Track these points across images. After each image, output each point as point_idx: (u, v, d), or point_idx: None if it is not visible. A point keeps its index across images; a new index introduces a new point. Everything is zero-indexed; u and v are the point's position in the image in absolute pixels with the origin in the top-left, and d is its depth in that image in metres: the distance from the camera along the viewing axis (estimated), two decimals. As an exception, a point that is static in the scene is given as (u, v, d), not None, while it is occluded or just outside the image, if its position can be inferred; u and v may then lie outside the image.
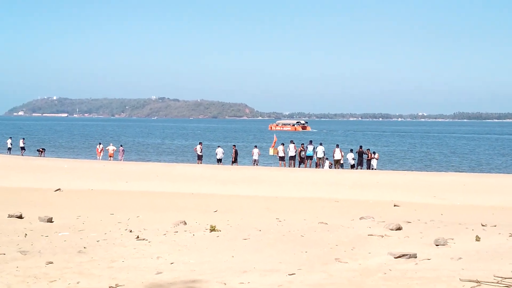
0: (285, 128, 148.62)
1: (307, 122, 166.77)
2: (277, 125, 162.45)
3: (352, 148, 46.58)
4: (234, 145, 48.81)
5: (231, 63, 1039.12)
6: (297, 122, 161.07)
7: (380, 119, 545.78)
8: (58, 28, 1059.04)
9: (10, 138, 60.46)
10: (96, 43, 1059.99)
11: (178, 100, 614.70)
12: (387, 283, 9.11)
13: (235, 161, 45.43)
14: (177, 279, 9.87)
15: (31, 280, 9.85)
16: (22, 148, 55.60)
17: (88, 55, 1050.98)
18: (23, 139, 58.58)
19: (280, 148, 44.60)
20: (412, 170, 44.81)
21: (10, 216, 17.20)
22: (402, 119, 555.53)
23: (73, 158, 54.95)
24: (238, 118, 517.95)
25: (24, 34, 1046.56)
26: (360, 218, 16.68)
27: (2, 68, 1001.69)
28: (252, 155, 45.78)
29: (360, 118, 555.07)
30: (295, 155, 43.71)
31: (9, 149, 56.46)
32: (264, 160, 49.22)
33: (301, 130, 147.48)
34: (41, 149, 55.85)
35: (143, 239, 13.39)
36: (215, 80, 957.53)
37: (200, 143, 48.93)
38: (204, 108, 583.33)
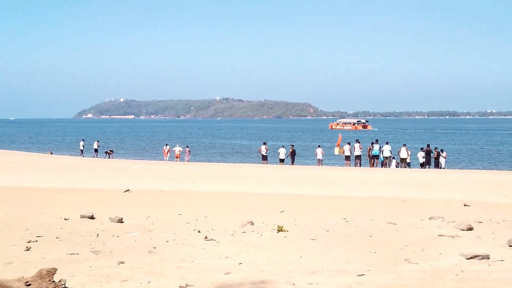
0: (346, 127, 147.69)
1: (367, 121, 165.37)
2: (337, 124, 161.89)
3: (422, 147, 45.86)
4: (292, 145, 48.79)
5: (295, 63, 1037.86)
6: (358, 121, 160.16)
7: (447, 116, 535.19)
8: (124, 31, 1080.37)
9: (83, 140, 62.01)
10: (161, 45, 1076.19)
11: (242, 101, 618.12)
12: (459, 285, 8.93)
13: (292, 160, 45.45)
14: (245, 279, 9.92)
15: (104, 280, 10.06)
16: (96, 150, 56.92)
17: (154, 57, 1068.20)
18: (98, 141, 59.99)
19: (346, 147, 44.35)
20: (482, 169, 43.82)
21: (82, 216, 17.63)
22: (470, 116, 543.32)
23: (141, 159, 55.93)
24: (302, 118, 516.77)
25: (91, 39, 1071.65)
26: (429, 218, 16.40)
27: (71, 72, 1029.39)
28: (316, 155, 45.70)
29: (426, 116, 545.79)
30: (360, 154, 43.38)
31: (82, 151, 57.98)
32: (327, 160, 49.01)
33: (362, 129, 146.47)
34: (109, 151, 57.08)
35: (212, 239, 13.50)
36: (279, 80, 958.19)
37: (264, 144, 49.02)
38: (268, 108, 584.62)
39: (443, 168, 40.80)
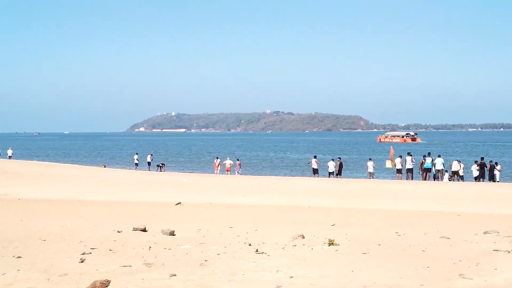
0: (394, 140, 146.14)
1: (416, 134, 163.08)
2: (386, 137, 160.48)
3: (476, 160, 45.07)
4: (339, 158, 48.56)
5: (346, 75, 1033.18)
6: (407, 134, 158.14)
7: (501, 129, 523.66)
8: (175, 47, 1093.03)
9: (137, 154, 62.95)
10: (212, 59, 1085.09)
11: (292, 114, 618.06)
12: (516, 301, 8.73)
13: (339, 173, 45.26)
14: (297, 293, 9.89)
15: (156, 292, 10.17)
16: (149, 163, 57.84)
17: (205, 72, 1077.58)
18: (151, 155, 61.05)
19: (398, 160, 43.92)
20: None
21: (135, 229, 17.86)
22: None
23: (192, 172, 56.41)
24: (352, 131, 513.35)
25: (144, 55, 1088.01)
26: (484, 233, 16.07)
27: (124, 87, 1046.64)
28: (367, 168, 45.41)
29: (479, 129, 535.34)
30: (412, 168, 42.88)
31: (136, 164, 58.95)
32: (378, 173, 48.58)
33: (411, 141, 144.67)
34: (161, 164, 57.85)
35: (262, 253, 13.49)
36: (330, 92, 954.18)
37: (315, 157, 48.87)
38: (318, 121, 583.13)
39: (498, 181, 39.96)
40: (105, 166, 63.86)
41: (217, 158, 55.28)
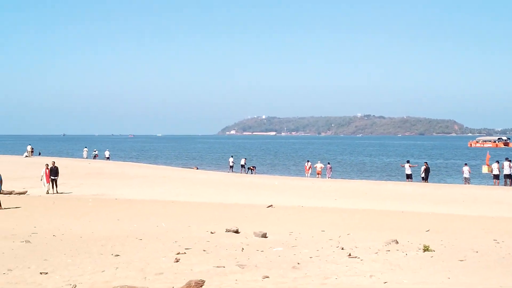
0: (486, 145, 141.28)
1: (509, 138, 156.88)
2: (477, 141, 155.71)
3: None
4: (426, 162, 47.42)
5: (439, 78, 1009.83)
6: (499, 139, 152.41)
7: None
8: (267, 51, 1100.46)
9: (232, 156, 63.72)
10: (302, 63, 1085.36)
11: (383, 117, 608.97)
12: None
13: (425, 178, 44.21)
14: (391, 299, 9.72)
15: (250, 293, 10.23)
16: (242, 166, 58.54)
17: (296, 75, 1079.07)
18: (245, 158, 62.19)
19: (495, 165, 42.50)
20: None
21: (227, 230, 18.09)
22: None
23: (282, 175, 56.53)
24: (446, 135, 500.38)
25: (234, 58, 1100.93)
26: None
27: (216, 90, 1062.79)
28: (463, 173, 44.18)
29: None
30: (510, 173, 41.37)
31: (231, 167, 59.69)
32: (474, 178, 47.19)
33: (503, 146, 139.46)
34: (252, 167, 58.33)
35: (355, 257, 13.36)
36: (422, 96, 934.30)
37: (408, 162, 47.98)
38: (410, 125, 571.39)
39: None
40: (197, 168, 64.96)
41: (308, 161, 55.22)
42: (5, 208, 24.13)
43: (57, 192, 32.44)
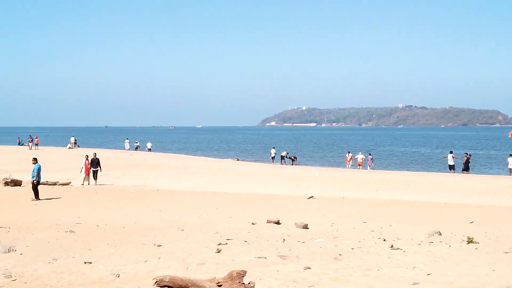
0: None
1: None
2: None
3: None
4: (467, 153, 46.76)
5: (482, 68, 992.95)
6: None
7: None
8: (306, 43, 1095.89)
9: (274, 148, 63.81)
10: (343, 55, 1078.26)
11: (425, 108, 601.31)
12: None
13: (465, 169, 43.63)
14: (435, 291, 9.60)
15: (291, 284, 10.20)
16: (282, 158, 58.79)
17: (336, 66, 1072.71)
18: (287, 152, 62.80)
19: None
20: None
21: (268, 221, 18.09)
22: None
23: (323, 166, 56.33)
24: (490, 126, 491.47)
25: (275, 50, 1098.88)
26: None
27: (257, 82, 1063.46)
28: (507, 164, 43.51)
29: None
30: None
31: (273, 158, 59.95)
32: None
33: None
34: (293, 157, 58.34)
35: (398, 248, 13.23)
36: (465, 86, 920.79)
37: (451, 152, 47.37)
38: (453, 115, 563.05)
39: None
40: (238, 159, 65.15)
41: (349, 152, 54.95)
42: (45, 199, 24.52)
43: (95, 184, 32.23)
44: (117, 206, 22.91)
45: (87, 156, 33.24)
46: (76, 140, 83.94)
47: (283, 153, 60.30)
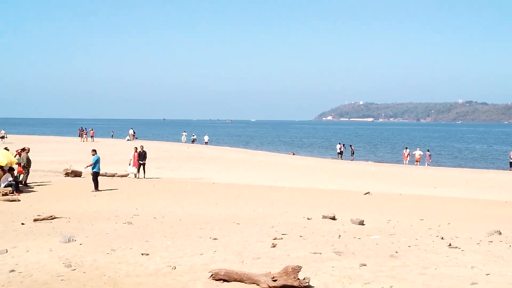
0: None
1: None
2: None
3: None
4: None
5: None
6: None
7: None
8: (365, 37, 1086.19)
9: (339, 143, 63.34)
10: (400, 49, 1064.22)
11: (486, 104, 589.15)
12: None
13: None
14: (496, 291, 9.40)
15: (346, 281, 10.13)
16: (339, 154, 58.39)
17: (394, 60, 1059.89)
18: (343, 144, 61.69)
19: None
20: None
21: (324, 217, 18.03)
22: None
23: (380, 162, 55.80)
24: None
25: (333, 44, 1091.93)
26: None
27: (314, 76, 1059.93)
28: None
29: None
30: None
31: (339, 153, 59.40)
32: None
33: None
34: (352, 149, 58.32)
35: (456, 247, 12.99)
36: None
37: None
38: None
39: None
40: (294, 154, 65.09)
41: (406, 148, 54.27)
42: (104, 190, 24.98)
43: (144, 177, 31.65)
44: (174, 199, 23.17)
45: (136, 148, 32.66)
46: (134, 132, 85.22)
47: (338, 149, 59.75)
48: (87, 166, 26.53)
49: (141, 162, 32.06)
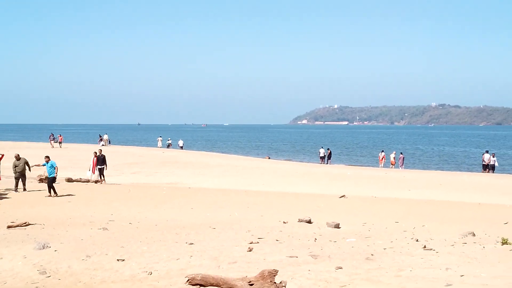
0: None
1: None
2: None
3: None
4: (493, 153, 46.45)
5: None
6: None
7: None
8: (337, 41, 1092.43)
9: (322, 147, 63.18)
10: (373, 53, 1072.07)
11: (459, 107, 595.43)
12: None
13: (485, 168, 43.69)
14: (469, 292, 9.49)
15: (323, 284, 10.17)
16: (322, 158, 58.28)
17: (367, 64, 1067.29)
18: (326, 148, 61.63)
19: None
20: None
21: (300, 220, 18.08)
22: None
23: (354, 165, 56.07)
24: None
25: (305, 49, 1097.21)
26: None
27: (287, 80, 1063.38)
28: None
29: None
30: None
31: (322, 158, 59.05)
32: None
33: None
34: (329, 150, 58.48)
35: (430, 249, 13.11)
36: (500, 84, 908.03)
37: (486, 152, 46.87)
38: (487, 114, 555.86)
39: None
40: (269, 158, 65.14)
41: (382, 151, 54.62)
42: (78, 196, 24.75)
43: (103, 181, 30.59)
44: (150, 204, 23.05)
45: (96, 152, 32.03)
46: (106, 138, 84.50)
47: (321, 153, 59.67)
48: (36, 165, 26.99)
49: (100, 167, 31.49)
